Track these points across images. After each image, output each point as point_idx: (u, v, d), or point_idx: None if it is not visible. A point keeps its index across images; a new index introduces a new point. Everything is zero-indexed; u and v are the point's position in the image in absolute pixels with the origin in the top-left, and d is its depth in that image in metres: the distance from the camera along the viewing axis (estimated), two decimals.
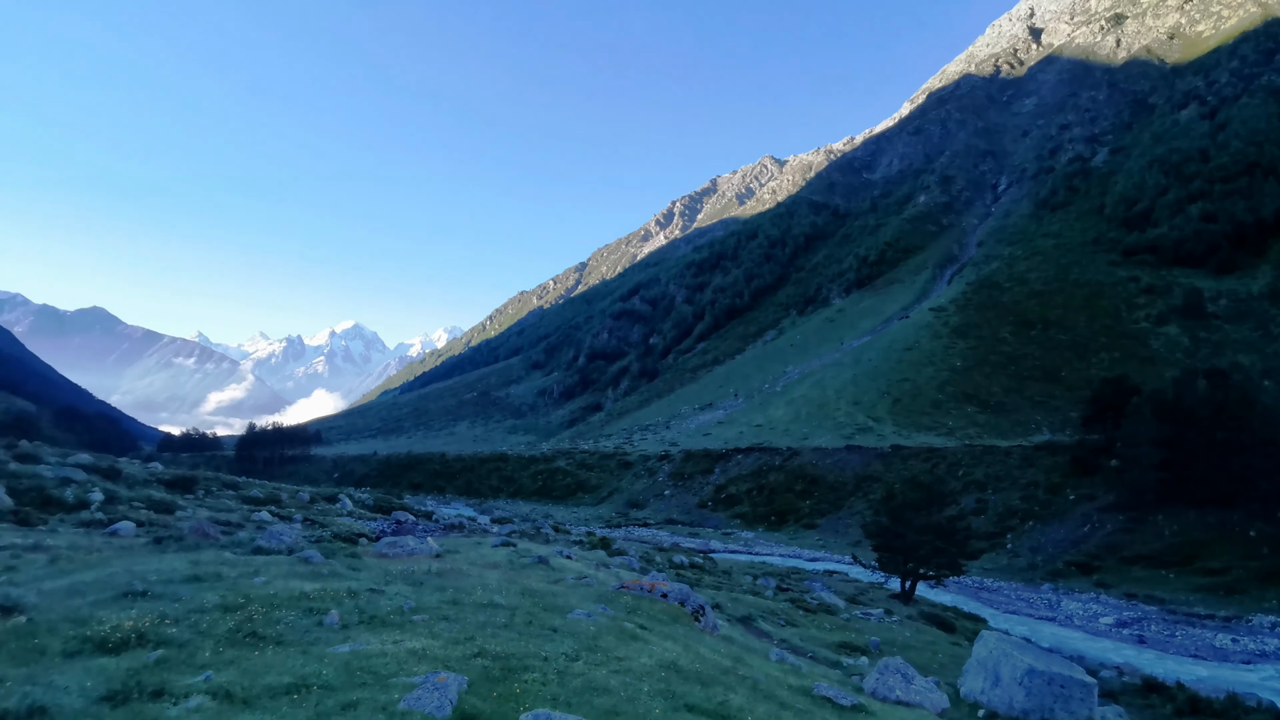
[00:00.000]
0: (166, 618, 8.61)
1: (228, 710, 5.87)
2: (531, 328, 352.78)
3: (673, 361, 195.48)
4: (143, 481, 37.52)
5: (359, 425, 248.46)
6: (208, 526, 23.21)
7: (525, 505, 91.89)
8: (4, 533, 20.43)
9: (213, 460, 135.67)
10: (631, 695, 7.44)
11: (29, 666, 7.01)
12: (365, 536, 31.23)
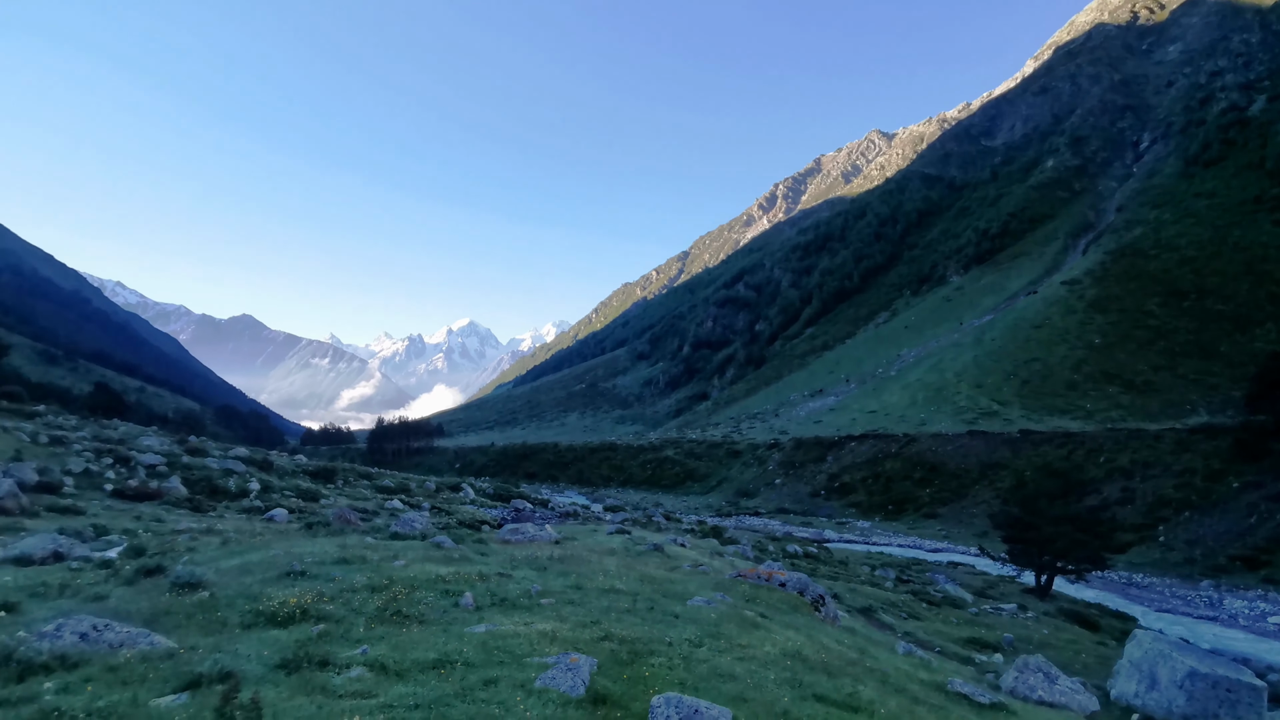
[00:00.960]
0: (324, 596, 9.43)
1: (384, 681, 6.36)
2: (636, 319, 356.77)
3: (780, 348, 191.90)
4: (291, 472, 41.19)
5: (477, 418, 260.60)
6: (349, 513, 25.14)
7: (635, 494, 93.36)
8: (182, 518, 23.05)
9: (347, 452, 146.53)
10: (758, 683, 7.43)
11: (214, 636, 7.89)
12: (488, 523, 32.85)
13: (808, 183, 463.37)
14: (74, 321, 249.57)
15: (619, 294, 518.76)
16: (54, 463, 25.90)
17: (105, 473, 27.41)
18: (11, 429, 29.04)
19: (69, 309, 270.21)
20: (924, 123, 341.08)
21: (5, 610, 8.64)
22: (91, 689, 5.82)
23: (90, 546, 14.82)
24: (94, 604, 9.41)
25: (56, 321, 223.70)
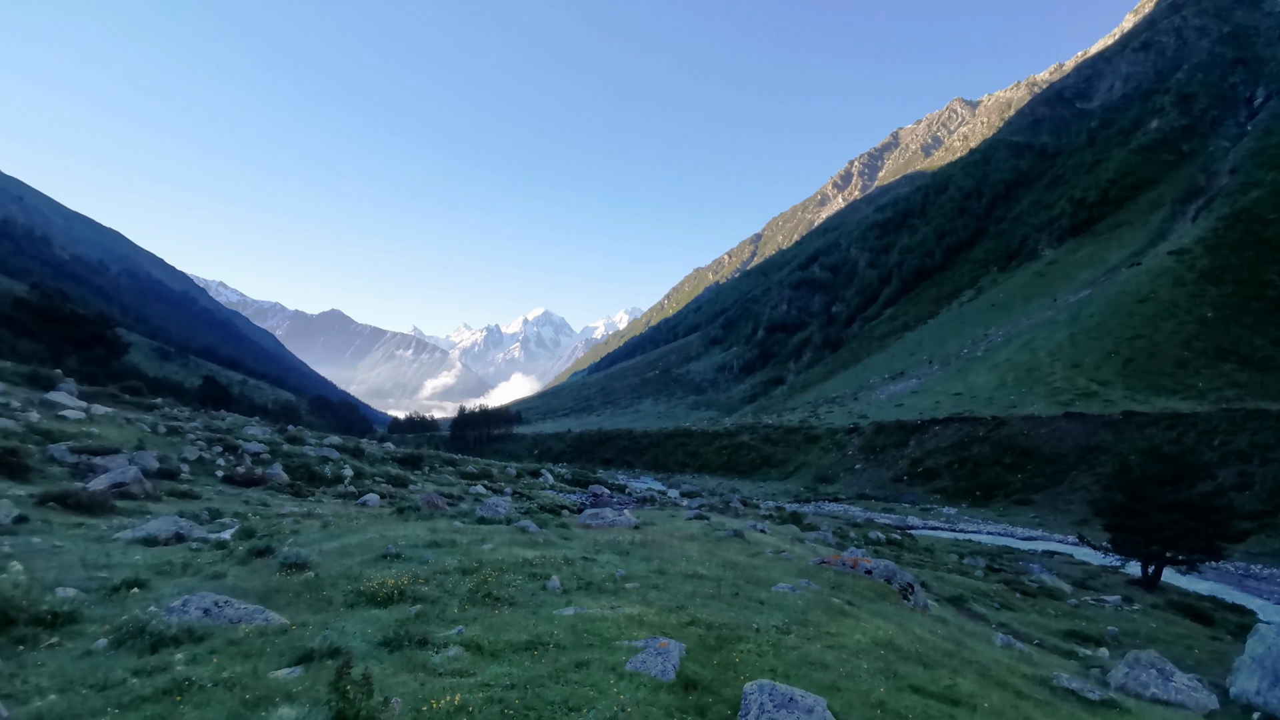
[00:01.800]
0: (419, 578, 9.80)
1: (480, 661, 6.55)
2: (708, 304, 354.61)
3: (858, 330, 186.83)
4: (380, 459, 43.11)
5: (553, 405, 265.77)
6: (436, 498, 26.11)
7: (711, 480, 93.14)
8: (285, 502, 24.49)
9: (431, 440, 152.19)
10: (850, 672, 7.26)
11: (321, 614, 8.33)
12: (567, 508, 33.48)
13: (884, 158, 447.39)
14: (183, 320, 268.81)
15: (691, 279, 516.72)
16: (171, 451, 27.96)
17: (216, 460, 29.41)
18: (134, 420, 31.49)
19: (179, 308, 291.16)
20: (1011, 88, 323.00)
21: (137, 587, 9.38)
22: (216, 661, 6.24)
23: (206, 528, 15.94)
24: (213, 582, 10.10)
25: (168, 320, 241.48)
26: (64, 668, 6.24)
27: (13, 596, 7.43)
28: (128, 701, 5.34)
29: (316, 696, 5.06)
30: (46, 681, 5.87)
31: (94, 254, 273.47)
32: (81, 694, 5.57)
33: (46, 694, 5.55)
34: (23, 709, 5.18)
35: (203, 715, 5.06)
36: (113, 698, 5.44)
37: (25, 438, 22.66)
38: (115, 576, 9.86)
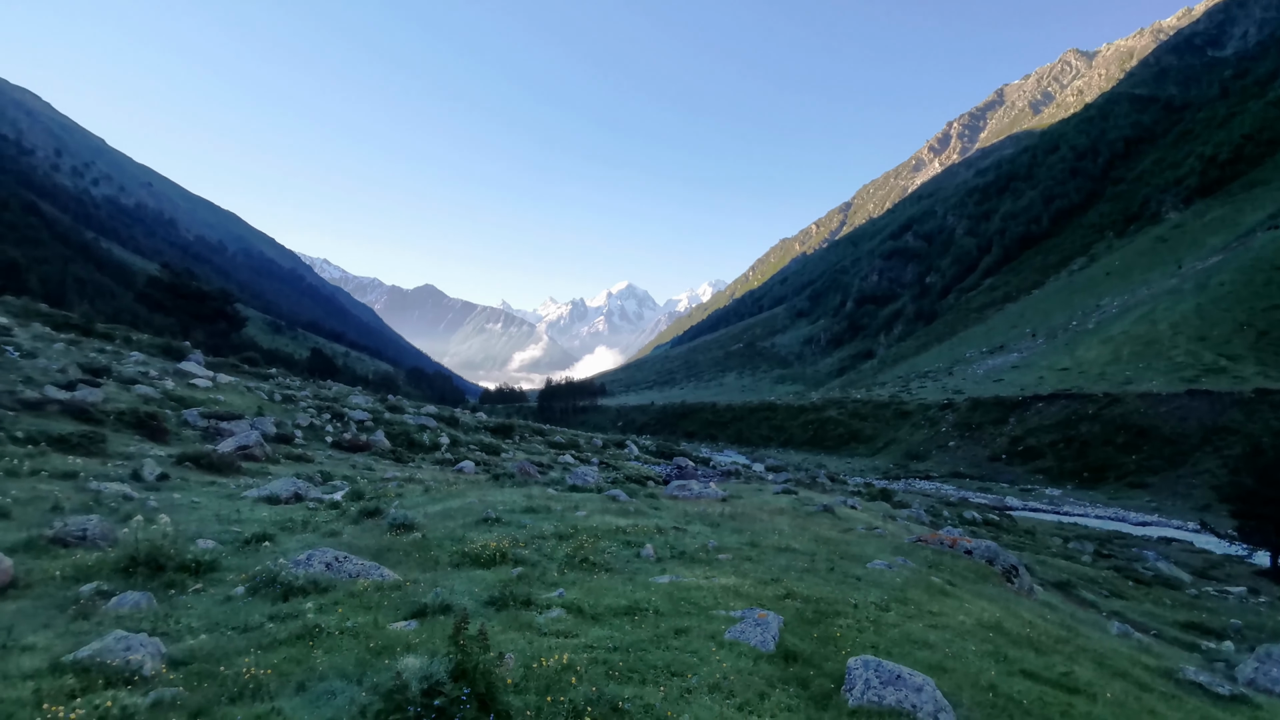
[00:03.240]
0: (518, 541, 10.17)
1: (582, 623, 6.74)
2: (795, 275, 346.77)
3: (954, 301, 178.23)
4: (474, 428, 44.83)
5: (637, 378, 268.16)
6: (529, 466, 26.94)
7: (796, 454, 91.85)
8: (388, 467, 25.89)
9: (520, 410, 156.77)
10: (956, 653, 7.02)
11: (430, 572, 8.78)
12: (653, 479, 33.83)
13: (987, 118, 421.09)
14: (292, 296, 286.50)
15: (776, 250, 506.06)
16: (286, 417, 30.02)
17: (325, 426, 31.38)
18: (253, 388, 33.96)
19: (288, 284, 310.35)
20: (1133, 35, 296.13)
21: (266, 540, 10.16)
22: (341, 611, 6.69)
23: (320, 490, 17.07)
24: (330, 539, 10.81)
25: (279, 296, 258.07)
26: (209, 611, 6.85)
27: (162, 546, 8.20)
28: (267, 643, 5.81)
29: (434, 648, 5.34)
30: (196, 622, 6.46)
31: (214, 235, 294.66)
32: (227, 635, 6.10)
33: (197, 634, 6.11)
34: (177, 646, 5.72)
35: (333, 660, 5.43)
36: (254, 639, 5.93)
37: (163, 403, 24.86)
38: (246, 530, 10.72)
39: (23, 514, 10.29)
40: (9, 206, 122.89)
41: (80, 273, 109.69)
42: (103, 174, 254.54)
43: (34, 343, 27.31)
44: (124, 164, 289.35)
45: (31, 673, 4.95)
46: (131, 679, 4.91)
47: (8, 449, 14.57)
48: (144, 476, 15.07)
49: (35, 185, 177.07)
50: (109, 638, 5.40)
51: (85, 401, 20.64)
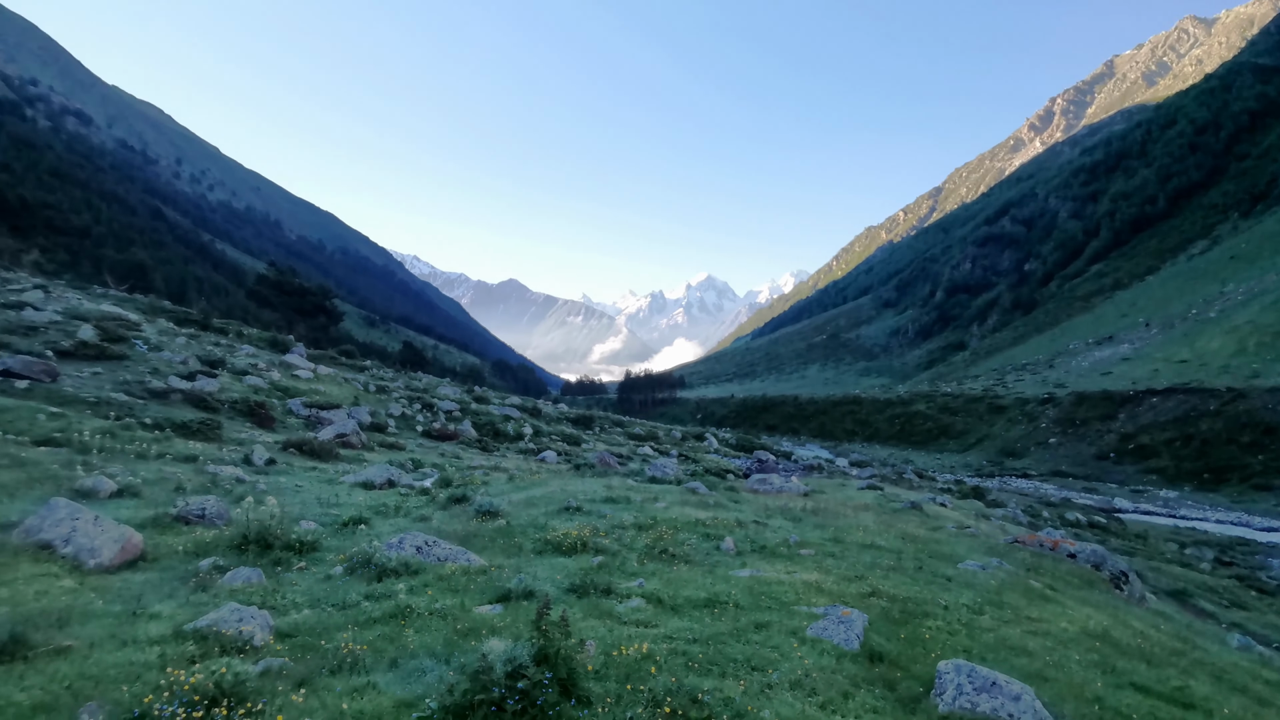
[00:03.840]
0: (599, 531, 10.29)
1: (662, 614, 6.76)
2: (881, 264, 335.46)
3: (1056, 289, 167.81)
4: (555, 419, 45.76)
5: (716, 370, 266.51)
6: (609, 457, 27.24)
7: (882, 449, 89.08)
8: (475, 456, 26.77)
9: (600, 402, 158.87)
10: (1058, 661, 6.62)
11: (514, 559, 9.01)
12: (732, 472, 33.57)
13: (1094, 92, 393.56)
14: (385, 291, 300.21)
15: (861, 239, 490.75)
16: (380, 407, 31.52)
17: (416, 416, 32.76)
18: (350, 379, 35.80)
19: (381, 281, 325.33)
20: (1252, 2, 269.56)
21: (362, 524, 10.70)
22: (430, 593, 6.96)
23: (411, 476, 17.83)
24: (421, 524, 11.26)
25: (373, 292, 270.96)
26: (311, 588, 7.27)
27: (270, 526, 8.76)
28: (363, 621, 6.11)
29: (518, 633, 5.48)
30: (300, 598, 6.87)
31: (314, 234, 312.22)
32: (327, 611, 6.46)
33: (301, 609, 6.50)
34: (284, 620, 6.10)
35: (423, 639, 5.66)
36: (351, 616, 6.26)
37: (270, 393, 26.57)
38: (344, 514, 11.32)
39: (151, 493, 11.24)
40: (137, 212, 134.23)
41: (198, 272, 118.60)
42: (217, 180, 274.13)
43: (160, 337, 29.71)
44: (235, 170, 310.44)
45: (157, 638, 5.39)
46: (244, 648, 5.27)
47: (138, 434, 15.92)
48: (254, 461, 16.16)
49: (159, 192, 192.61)
50: (224, 609, 5.82)
51: (203, 391, 22.31)
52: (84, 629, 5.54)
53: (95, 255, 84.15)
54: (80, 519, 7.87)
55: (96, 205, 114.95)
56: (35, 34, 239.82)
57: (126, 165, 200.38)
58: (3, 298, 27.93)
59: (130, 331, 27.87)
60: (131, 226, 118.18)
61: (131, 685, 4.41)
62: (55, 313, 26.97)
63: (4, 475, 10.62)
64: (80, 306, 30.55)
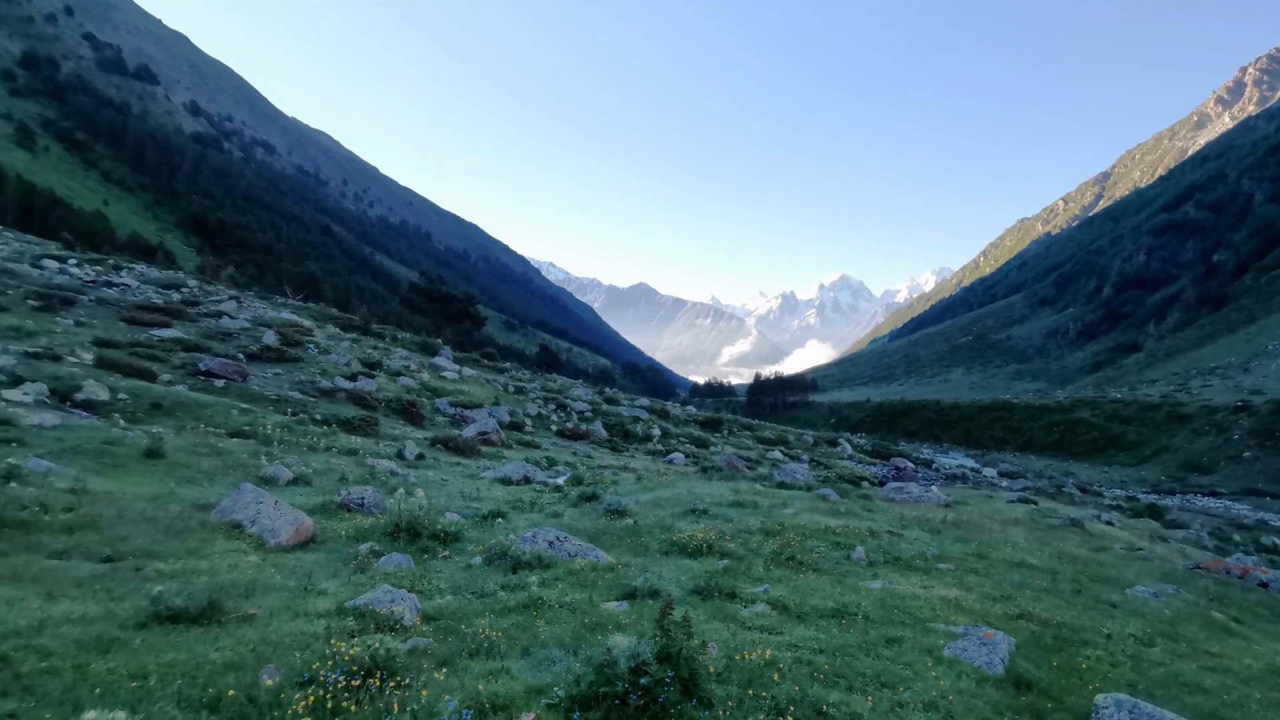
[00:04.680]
0: (724, 534, 10.26)
1: (786, 621, 6.64)
2: (1036, 259, 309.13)
3: (1251, 283, 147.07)
4: (683, 421, 45.98)
5: (850, 373, 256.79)
6: (736, 461, 27.05)
7: (1037, 460, 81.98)
8: (605, 455, 27.48)
9: (729, 405, 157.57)
10: (1237, 701, 5.84)
11: (640, 558, 9.19)
12: (867, 480, 32.24)
13: None
14: (523, 296, 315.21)
15: (1014, 232, 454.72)
16: (518, 407, 33.15)
17: (550, 416, 34.14)
18: (491, 380, 37.91)
19: (519, 286, 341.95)
20: None
21: (499, 517, 11.32)
22: (561, 587, 7.27)
23: (545, 474, 18.62)
24: (553, 520, 11.74)
25: (512, 297, 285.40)
26: (454, 576, 7.80)
27: (419, 516, 9.50)
28: (499, 609, 6.49)
29: (642, 630, 5.60)
30: (443, 584, 7.40)
31: (460, 244, 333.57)
32: (467, 598, 6.91)
33: (444, 594, 6.99)
34: (429, 603, 6.60)
35: (553, 630, 5.92)
36: (488, 604, 6.66)
37: (420, 393, 28.71)
38: (484, 507, 12.03)
39: (320, 482, 12.51)
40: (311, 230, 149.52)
41: (360, 281, 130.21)
42: (376, 198, 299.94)
43: (328, 341, 32.92)
44: (391, 187, 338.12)
45: (324, 612, 6.02)
46: (395, 626, 5.76)
47: (310, 429, 17.75)
48: (406, 455, 17.54)
49: (329, 210, 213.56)
50: (379, 590, 6.39)
51: (363, 390, 24.49)
52: (265, 600, 6.28)
53: (277, 269, 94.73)
54: (264, 503, 8.92)
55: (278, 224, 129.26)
56: (231, 76, 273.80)
57: (302, 188, 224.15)
58: (206, 308, 32.09)
59: (304, 337, 31.10)
60: (306, 242, 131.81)
61: (302, 652, 4.95)
62: (245, 320, 30.62)
63: (205, 463, 12.22)
64: (265, 315, 34.47)
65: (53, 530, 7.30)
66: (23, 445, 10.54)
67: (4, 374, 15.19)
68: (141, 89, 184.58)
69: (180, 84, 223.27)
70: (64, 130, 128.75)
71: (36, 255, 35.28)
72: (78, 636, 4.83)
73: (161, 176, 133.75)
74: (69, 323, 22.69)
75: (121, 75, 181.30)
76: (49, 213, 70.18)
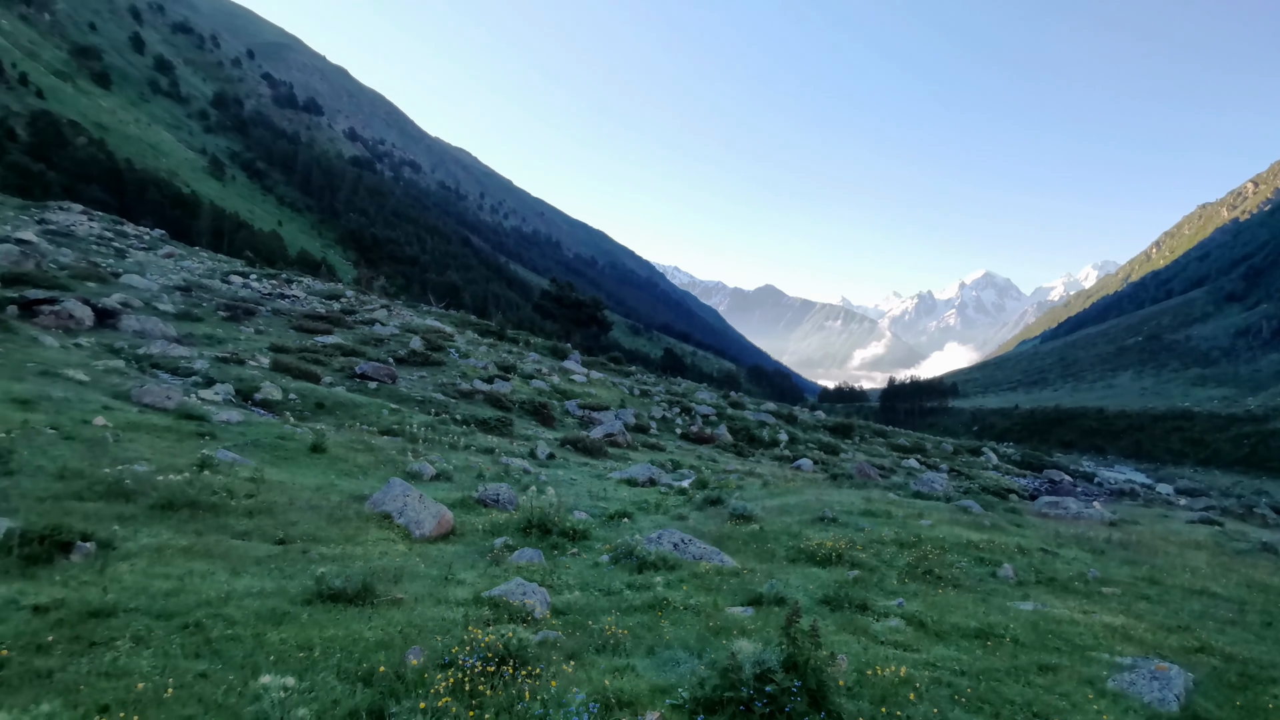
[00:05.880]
0: (855, 544, 9.85)
1: (923, 638, 6.27)
2: (1221, 248, 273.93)
3: None
4: (811, 426, 44.71)
5: (996, 378, 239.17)
6: (868, 468, 25.93)
7: (1223, 476, 72.55)
8: (730, 460, 27.25)
9: (860, 410, 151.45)
10: None
11: (766, 564, 9.02)
12: (1015, 492, 29.84)
13: None
14: (648, 301, 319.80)
15: (1193, 219, 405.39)
16: (643, 410, 33.61)
17: (675, 419, 34.34)
18: (617, 384, 38.70)
19: (644, 291, 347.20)
20: None
21: (625, 517, 11.51)
22: (685, 589, 7.28)
23: (670, 476, 18.73)
24: (678, 522, 11.78)
25: (638, 302, 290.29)
26: (581, 573, 8.01)
27: (549, 514, 9.85)
28: (625, 608, 6.59)
29: (767, 637, 5.48)
30: (572, 580, 7.62)
31: (588, 251, 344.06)
32: (594, 595, 7.08)
33: (572, 590, 7.20)
34: (558, 598, 6.82)
35: (677, 631, 5.94)
36: (614, 602, 6.79)
37: (551, 395, 29.81)
38: (610, 507, 12.29)
39: (460, 479, 13.30)
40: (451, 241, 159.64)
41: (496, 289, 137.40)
42: (511, 209, 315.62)
43: (467, 346, 34.96)
44: (524, 198, 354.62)
45: (462, 601, 6.37)
46: (526, 618, 6.00)
47: (451, 428, 18.91)
48: (538, 455, 18.26)
49: (468, 223, 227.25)
50: (512, 583, 6.69)
51: (499, 392, 25.77)
52: (411, 586, 6.75)
53: (422, 279, 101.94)
54: (410, 496, 9.60)
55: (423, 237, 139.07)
56: (383, 103, 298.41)
57: (444, 202, 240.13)
58: (361, 316, 35.08)
59: (446, 342, 33.21)
60: (448, 253, 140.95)
61: (444, 636, 5.27)
62: (394, 327, 33.15)
63: (360, 458, 13.34)
64: (411, 321, 37.16)
65: (237, 514, 8.23)
66: (214, 438, 11.97)
67: (200, 376, 17.35)
68: (309, 120, 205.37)
69: (341, 113, 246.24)
70: (247, 160, 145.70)
71: (225, 272, 40.08)
72: (256, 609, 5.41)
73: (325, 198, 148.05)
74: (250, 331, 25.57)
75: (293, 109, 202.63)
76: (235, 234, 79.65)
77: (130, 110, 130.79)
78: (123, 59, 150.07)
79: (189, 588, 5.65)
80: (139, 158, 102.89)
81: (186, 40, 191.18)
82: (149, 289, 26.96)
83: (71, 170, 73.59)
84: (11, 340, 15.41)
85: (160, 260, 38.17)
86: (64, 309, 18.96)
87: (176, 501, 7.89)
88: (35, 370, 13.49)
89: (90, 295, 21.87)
